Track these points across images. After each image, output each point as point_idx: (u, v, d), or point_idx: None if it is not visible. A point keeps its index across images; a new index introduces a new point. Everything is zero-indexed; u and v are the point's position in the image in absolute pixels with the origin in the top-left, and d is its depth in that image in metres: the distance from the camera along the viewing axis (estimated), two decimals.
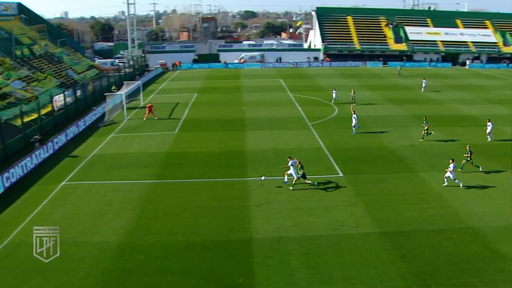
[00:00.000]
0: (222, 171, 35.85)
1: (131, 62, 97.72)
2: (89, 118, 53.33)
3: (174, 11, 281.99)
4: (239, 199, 30.40)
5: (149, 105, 54.87)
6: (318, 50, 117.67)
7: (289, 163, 32.00)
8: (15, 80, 61.20)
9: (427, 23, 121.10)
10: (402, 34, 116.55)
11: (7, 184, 32.95)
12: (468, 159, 34.62)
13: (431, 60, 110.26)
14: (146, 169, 36.58)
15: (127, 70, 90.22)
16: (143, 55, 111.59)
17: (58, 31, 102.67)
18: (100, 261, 23.10)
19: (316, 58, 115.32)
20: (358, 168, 35.83)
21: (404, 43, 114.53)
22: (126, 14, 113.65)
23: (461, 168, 34.25)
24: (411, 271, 21.72)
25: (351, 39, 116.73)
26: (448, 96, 67.72)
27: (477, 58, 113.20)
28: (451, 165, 31.44)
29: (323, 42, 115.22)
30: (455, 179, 31.51)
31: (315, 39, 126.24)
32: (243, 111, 55.96)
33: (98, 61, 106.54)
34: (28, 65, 72.40)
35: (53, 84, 66.74)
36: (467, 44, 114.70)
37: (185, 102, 64.00)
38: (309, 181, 31.99)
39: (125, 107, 55.53)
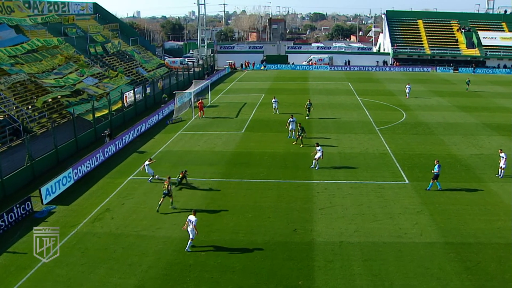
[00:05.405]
0: (287, 173, 35.74)
1: (200, 62, 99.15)
2: (158, 115, 54.42)
3: (243, 12, 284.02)
4: (303, 201, 30.21)
5: (200, 102, 55.46)
6: (388, 54, 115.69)
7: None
8: (88, 76, 63.29)
9: (502, 28, 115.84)
10: (474, 39, 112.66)
11: (76, 177, 34.07)
12: None
13: (474, 66, 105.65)
14: (211, 168, 36.98)
15: (196, 69, 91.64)
16: (212, 54, 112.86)
17: (130, 30, 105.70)
18: (162, 255, 23.54)
19: (385, 62, 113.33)
20: (425, 176, 34.69)
21: (476, 49, 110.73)
22: (197, 14, 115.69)
23: None
24: (476, 285, 20.96)
25: (422, 44, 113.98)
26: None
27: None
28: None
29: (392, 46, 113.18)
30: None
31: (384, 42, 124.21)
32: (310, 113, 55.18)
33: (168, 59, 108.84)
34: (101, 62, 74.87)
35: (124, 81, 68.59)
36: None
37: (252, 102, 64.27)
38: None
39: (193, 106, 56.20)
